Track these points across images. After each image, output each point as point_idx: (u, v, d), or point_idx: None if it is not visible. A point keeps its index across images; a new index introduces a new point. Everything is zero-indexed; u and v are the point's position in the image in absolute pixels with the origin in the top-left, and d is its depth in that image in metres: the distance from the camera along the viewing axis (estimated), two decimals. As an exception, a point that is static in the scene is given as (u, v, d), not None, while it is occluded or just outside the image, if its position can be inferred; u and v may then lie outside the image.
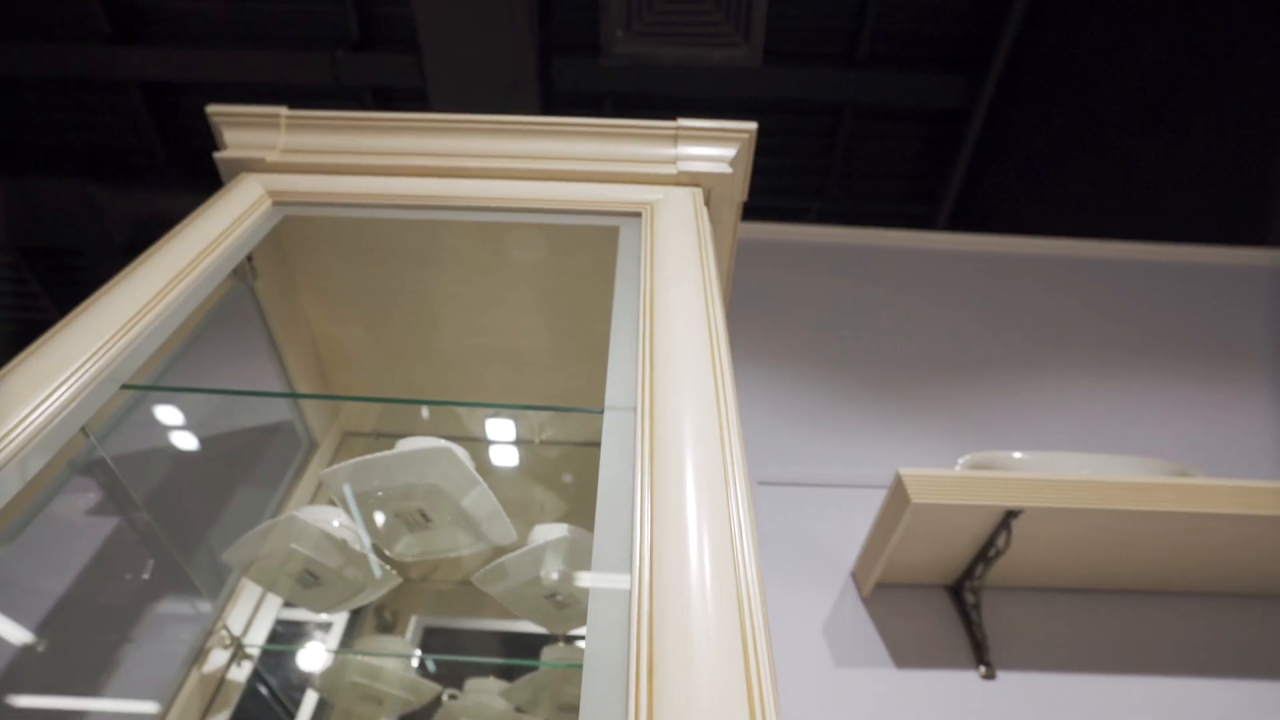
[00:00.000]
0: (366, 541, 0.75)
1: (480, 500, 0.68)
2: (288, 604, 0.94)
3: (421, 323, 1.02)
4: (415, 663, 1.02)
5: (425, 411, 0.97)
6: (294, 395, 1.00)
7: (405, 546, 0.73)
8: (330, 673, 0.96)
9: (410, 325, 1.02)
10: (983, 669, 0.94)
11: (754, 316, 1.62)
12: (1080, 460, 1.06)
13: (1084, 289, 1.78)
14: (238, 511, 0.96)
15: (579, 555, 0.76)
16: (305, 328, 1.00)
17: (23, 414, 0.51)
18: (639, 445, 0.51)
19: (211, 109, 0.86)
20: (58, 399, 0.53)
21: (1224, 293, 1.79)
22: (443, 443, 0.66)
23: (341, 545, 0.74)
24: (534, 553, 0.73)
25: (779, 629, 0.96)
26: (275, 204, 0.81)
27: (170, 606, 0.85)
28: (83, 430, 0.55)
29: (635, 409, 0.56)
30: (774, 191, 3.75)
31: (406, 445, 0.67)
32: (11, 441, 0.50)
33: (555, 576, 0.76)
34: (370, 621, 1.19)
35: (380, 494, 0.68)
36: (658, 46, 2.21)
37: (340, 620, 1.11)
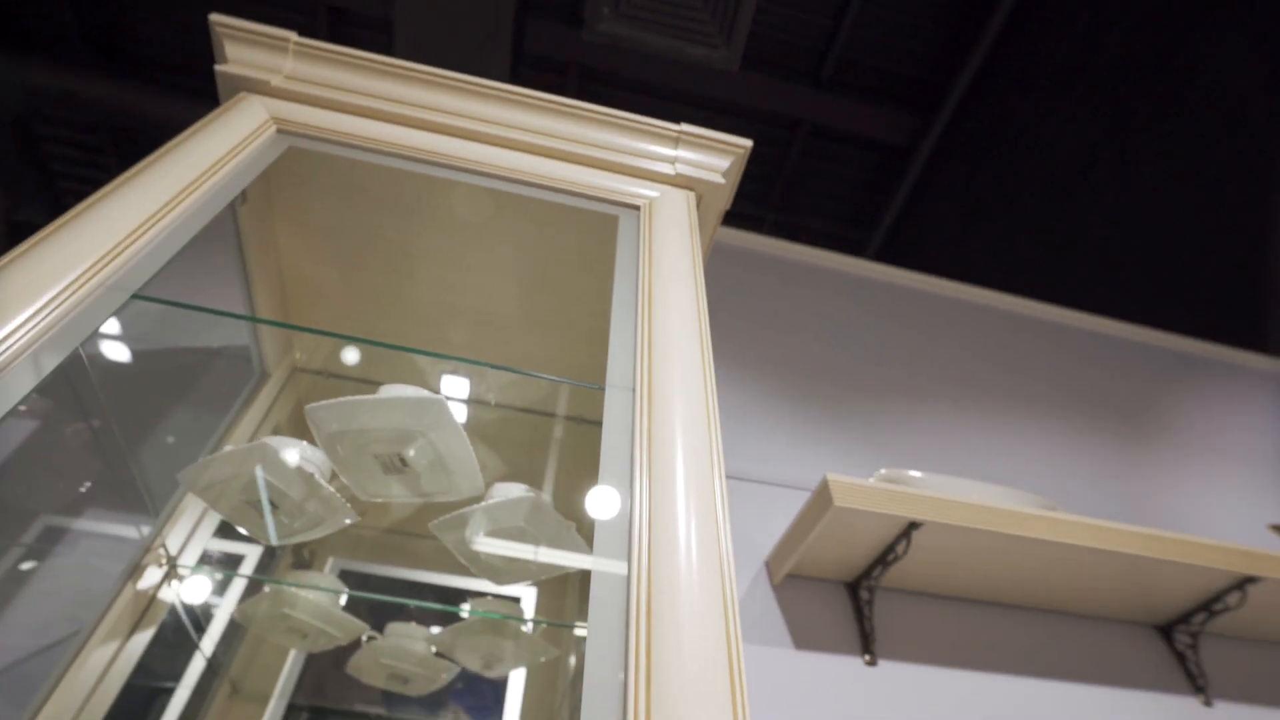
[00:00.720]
0: (325, 474, 0.78)
1: (460, 454, 0.73)
2: (226, 530, 0.94)
3: (395, 271, 1.03)
4: (343, 600, 1.04)
5: (411, 361, 0.99)
6: (264, 321, 0.99)
7: (379, 488, 0.76)
8: (256, 602, 0.97)
9: (383, 271, 1.04)
10: (867, 657, 1.07)
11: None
12: (972, 486, 1.22)
13: (989, 335, 1.98)
14: (182, 432, 0.94)
15: (537, 515, 0.82)
16: (276, 257, 0.99)
17: (35, 308, 0.51)
18: (638, 420, 0.58)
19: (216, 18, 0.84)
20: (67, 299, 0.54)
21: (1100, 359, 2.05)
22: (436, 395, 0.69)
23: (309, 479, 0.76)
24: (498, 508, 0.79)
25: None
26: (279, 131, 0.81)
27: (111, 519, 0.83)
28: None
29: (634, 389, 0.62)
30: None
31: (395, 392, 0.71)
32: (22, 336, 0.50)
33: (511, 533, 0.82)
34: (287, 558, 1.20)
35: (365, 435, 0.71)
36: (640, 31, 2.24)
37: (254, 553, 1.11)
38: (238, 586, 1.02)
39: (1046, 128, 2.04)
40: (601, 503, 0.53)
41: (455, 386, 1.12)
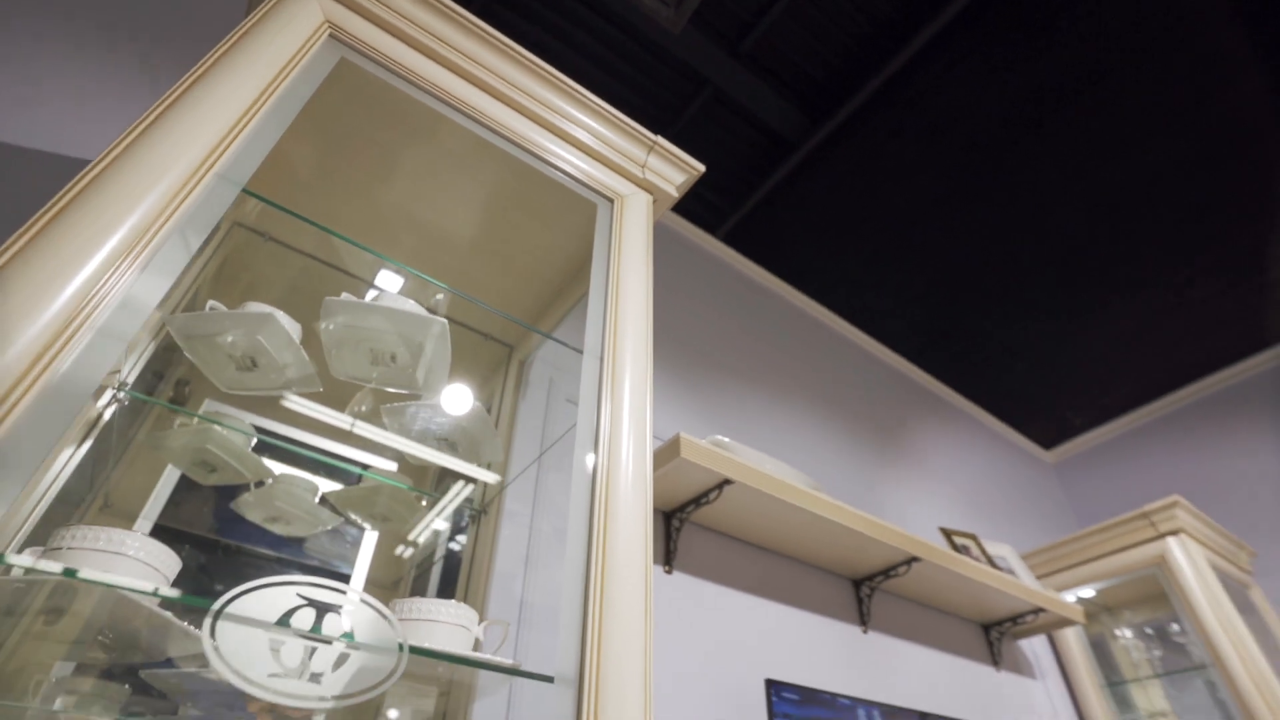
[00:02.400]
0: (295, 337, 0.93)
1: (440, 366, 0.93)
2: (164, 363, 1.04)
3: (373, 172, 1.14)
4: (253, 443, 1.17)
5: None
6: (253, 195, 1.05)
7: (363, 373, 0.93)
8: (176, 434, 1.08)
9: (362, 169, 1.13)
10: (666, 567, 1.45)
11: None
12: (768, 460, 1.64)
13: (804, 337, 2.47)
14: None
15: (479, 420, 1.04)
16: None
17: (170, 196, 0.63)
18: (605, 375, 0.85)
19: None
20: (191, 187, 0.66)
21: (875, 380, 2.64)
22: (442, 320, 0.88)
23: (297, 349, 0.91)
24: (444, 410, 1.00)
25: (555, 511, 1.35)
26: (332, 37, 0.90)
27: None
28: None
29: (600, 356, 0.88)
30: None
31: (408, 306, 0.88)
32: (171, 216, 0.62)
33: (454, 433, 1.03)
34: (168, 391, 1.28)
35: (366, 331, 0.88)
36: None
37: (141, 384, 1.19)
38: (152, 416, 1.11)
39: (902, 173, 2.47)
40: (581, 425, 0.80)
41: (389, 282, 1.26)
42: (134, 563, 0.57)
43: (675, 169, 1.20)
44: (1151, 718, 2.28)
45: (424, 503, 1.25)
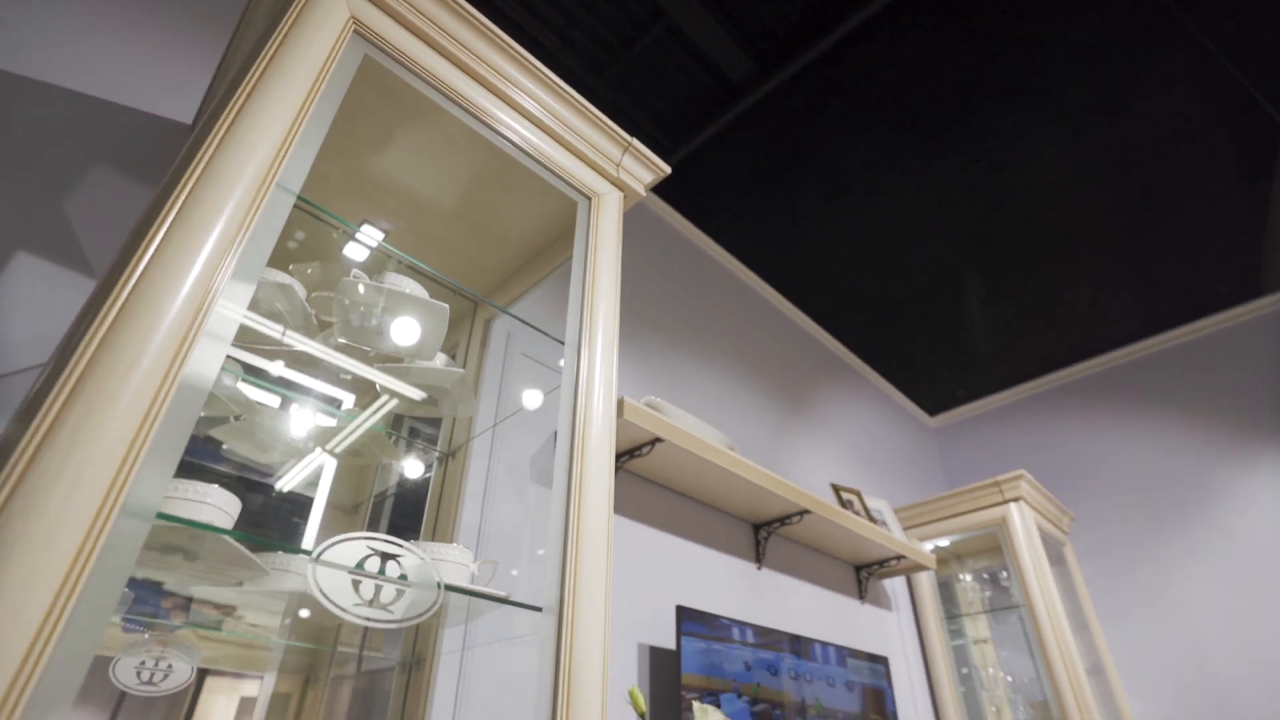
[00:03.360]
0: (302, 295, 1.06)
1: (435, 339, 1.08)
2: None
3: (366, 141, 1.23)
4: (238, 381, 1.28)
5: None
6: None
7: (367, 341, 1.07)
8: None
9: (356, 138, 1.22)
10: (599, 508, 1.69)
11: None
12: (694, 421, 1.88)
13: (733, 300, 2.70)
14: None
15: (456, 381, 1.21)
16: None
17: (244, 211, 0.75)
18: (583, 351, 1.03)
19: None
20: (260, 200, 0.77)
21: (792, 344, 2.93)
22: (444, 305, 1.03)
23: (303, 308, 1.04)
24: (436, 372, 1.16)
25: (520, 459, 1.54)
26: (357, 33, 0.99)
27: None
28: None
29: (578, 341, 1.06)
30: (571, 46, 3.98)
31: (420, 292, 1.03)
32: (248, 230, 0.75)
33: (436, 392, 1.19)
34: None
35: (378, 308, 1.02)
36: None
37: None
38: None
39: (839, 136, 2.64)
40: (564, 396, 0.99)
41: (358, 253, 1.37)
42: (214, 509, 0.73)
43: (645, 169, 1.36)
44: (975, 643, 2.80)
45: (394, 441, 1.41)
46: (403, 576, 0.70)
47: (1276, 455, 2.81)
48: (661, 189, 2.60)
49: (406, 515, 1.43)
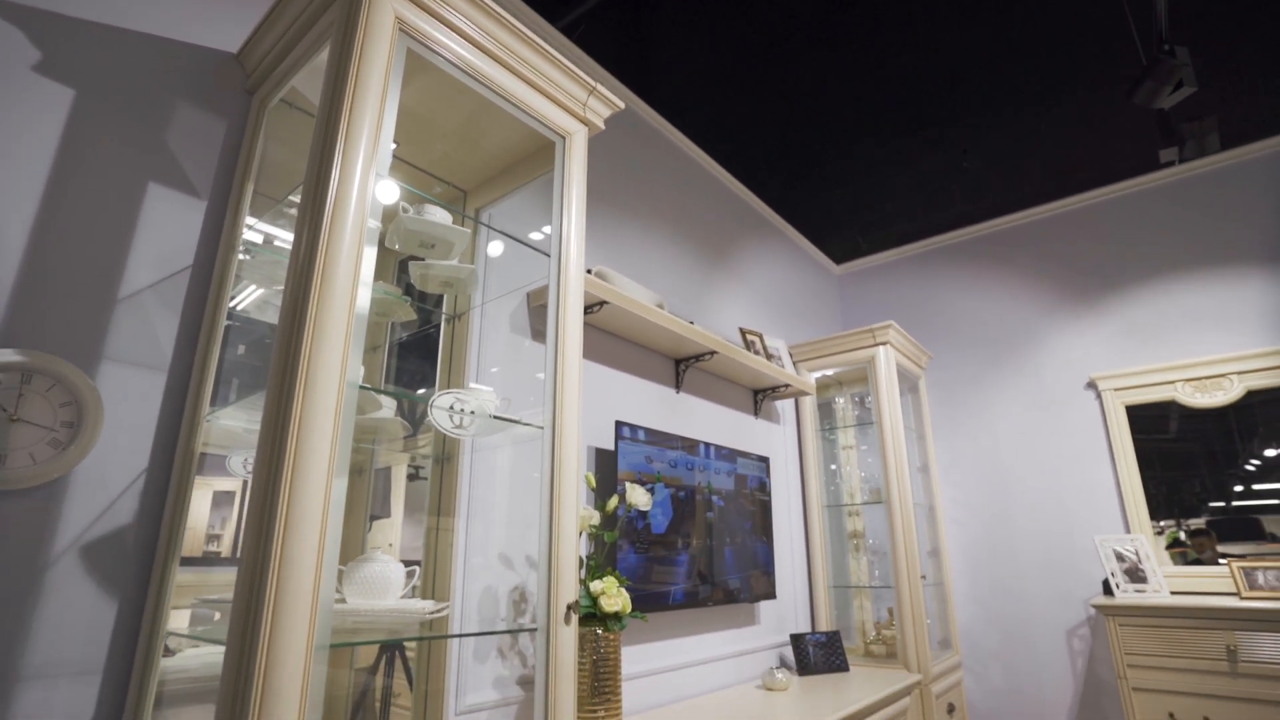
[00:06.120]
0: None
1: (460, 251, 1.61)
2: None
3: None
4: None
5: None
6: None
7: (417, 252, 1.58)
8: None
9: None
10: (560, 351, 2.31)
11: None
12: (630, 283, 2.46)
13: (664, 163, 3.18)
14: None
15: (468, 273, 1.74)
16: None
17: (364, 204, 1.24)
18: (561, 261, 1.59)
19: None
20: (371, 192, 1.26)
21: (718, 202, 3.46)
22: (466, 230, 1.54)
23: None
24: (454, 268, 1.69)
25: (502, 314, 2.11)
26: (400, 30, 1.39)
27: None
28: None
29: (559, 258, 1.61)
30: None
31: (447, 219, 1.53)
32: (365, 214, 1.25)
33: (448, 274, 1.73)
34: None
35: (422, 233, 1.53)
36: None
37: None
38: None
39: None
40: (550, 285, 1.56)
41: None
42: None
43: (605, 107, 1.81)
44: (844, 449, 3.73)
45: (411, 305, 1.96)
46: (471, 412, 1.31)
47: (1082, 315, 3.67)
48: (607, 61, 2.92)
49: (413, 355, 2.01)
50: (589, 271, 2.39)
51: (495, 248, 2.01)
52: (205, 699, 1.30)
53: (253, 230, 1.58)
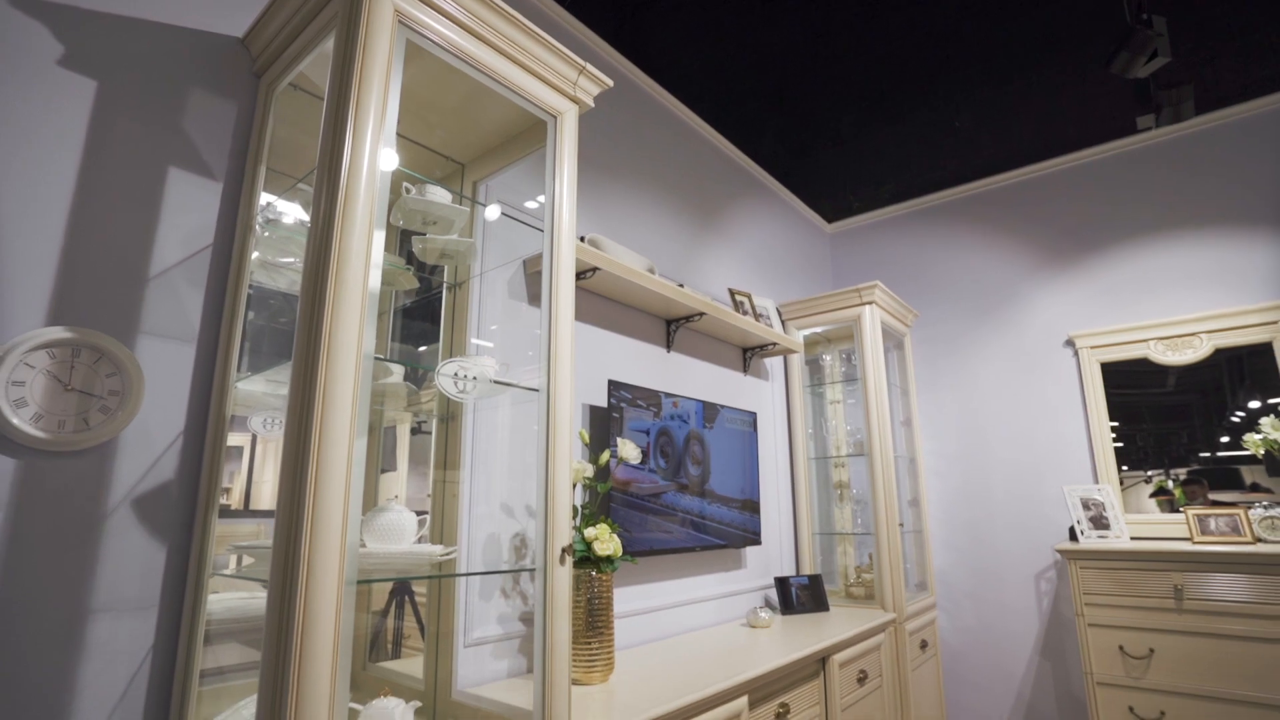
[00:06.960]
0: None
1: (460, 228, 1.74)
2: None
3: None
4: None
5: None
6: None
7: (419, 228, 1.71)
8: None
9: (381, 59, 1.73)
10: (555, 315, 2.46)
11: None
12: (621, 250, 2.59)
13: (658, 126, 3.26)
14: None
15: (467, 246, 1.87)
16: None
17: (375, 193, 1.37)
18: (554, 234, 1.73)
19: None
20: (378, 183, 1.39)
21: (707, 164, 3.55)
22: (465, 209, 1.67)
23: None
24: (455, 241, 1.82)
25: (507, 295, 2.24)
26: (400, 23, 1.49)
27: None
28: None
29: (552, 232, 1.75)
30: None
31: (447, 199, 1.66)
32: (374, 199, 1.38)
33: (449, 248, 1.86)
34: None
35: (424, 211, 1.66)
36: None
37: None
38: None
39: None
40: (545, 253, 1.70)
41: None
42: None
43: (594, 85, 1.91)
44: (831, 404, 3.91)
45: (413, 274, 2.09)
46: (473, 378, 1.47)
47: (1062, 275, 3.79)
48: (597, 23, 2.97)
49: (416, 319, 2.15)
50: (582, 239, 2.52)
51: (493, 212, 2.14)
52: (241, 636, 1.50)
53: (266, 210, 1.71)
